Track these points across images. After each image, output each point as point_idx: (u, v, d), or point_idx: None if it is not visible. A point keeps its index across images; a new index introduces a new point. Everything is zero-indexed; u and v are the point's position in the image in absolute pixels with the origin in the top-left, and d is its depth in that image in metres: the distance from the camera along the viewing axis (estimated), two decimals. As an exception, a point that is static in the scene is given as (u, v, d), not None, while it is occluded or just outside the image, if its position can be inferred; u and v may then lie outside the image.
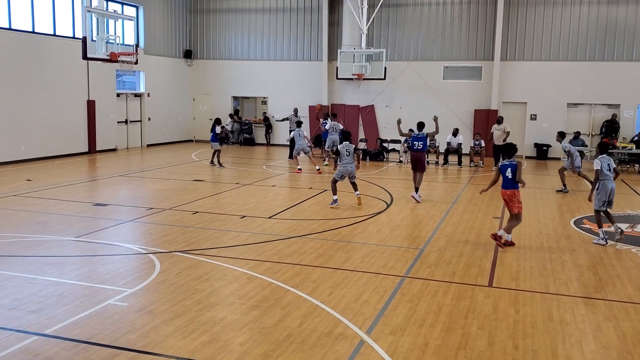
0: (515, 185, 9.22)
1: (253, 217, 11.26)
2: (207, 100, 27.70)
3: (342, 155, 12.37)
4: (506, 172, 9.26)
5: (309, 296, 6.83)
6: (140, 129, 24.81)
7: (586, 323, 6.27)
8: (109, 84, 22.58)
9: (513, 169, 9.19)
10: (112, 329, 5.79)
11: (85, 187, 14.83)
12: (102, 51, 16.65)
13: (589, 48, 22.42)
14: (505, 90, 23.44)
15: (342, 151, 12.38)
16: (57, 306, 6.39)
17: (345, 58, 23.55)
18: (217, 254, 8.58)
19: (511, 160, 9.36)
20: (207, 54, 27.58)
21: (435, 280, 7.59)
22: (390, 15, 24.58)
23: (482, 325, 6.09)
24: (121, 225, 10.53)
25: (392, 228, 10.57)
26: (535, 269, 8.22)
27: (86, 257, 8.58)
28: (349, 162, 12.34)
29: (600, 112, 22.76)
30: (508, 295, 7.07)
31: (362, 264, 8.26)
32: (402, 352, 5.41)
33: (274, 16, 26.23)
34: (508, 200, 9.34)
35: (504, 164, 9.37)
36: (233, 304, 6.58)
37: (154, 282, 7.25)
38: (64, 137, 20.47)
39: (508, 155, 9.56)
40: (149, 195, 13.63)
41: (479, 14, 23.57)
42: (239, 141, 26.95)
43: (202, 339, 5.62)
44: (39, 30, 19.45)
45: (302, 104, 25.02)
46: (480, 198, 13.86)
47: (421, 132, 13.50)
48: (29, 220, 10.61)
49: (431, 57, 24.21)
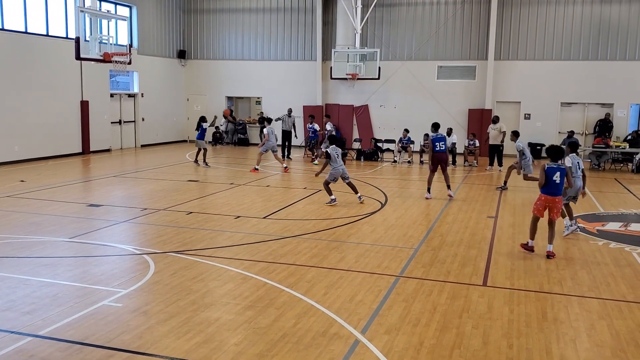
0: (562, 190, 8.78)
1: (247, 217, 11.25)
2: (201, 101, 27.65)
3: (332, 158, 12.52)
4: (554, 175, 8.61)
5: (303, 296, 6.83)
6: (134, 129, 24.74)
7: (580, 322, 6.30)
8: (103, 84, 22.50)
9: (563, 174, 8.64)
10: (107, 330, 5.77)
11: (79, 188, 14.77)
12: (96, 51, 16.59)
13: (582, 47, 22.52)
14: (499, 89, 23.51)
15: (332, 154, 12.53)
16: (51, 307, 6.37)
17: (339, 58, 23.56)
18: (212, 255, 8.57)
19: (559, 163, 8.76)
20: (201, 54, 27.53)
21: (430, 279, 7.60)
22: (384, 15, 24.61)
23: (476, 325, 6.11)
24: (115, 225, 10.50)
25: (387, 228, 10.58)
26: (530, 267, 8.25)
27: (80, 257, 8.55)
28: (340, 164, 12.55)
29: (593, 111, 22.86)
30: (502, 295, 7.09)
31: (356, 263, 8.26)
32: (397, 352, 5.42)
33: (268, 16, 26.21)
34: (554, 206, 8.72)
35: (552, 167, 8.65)
36: (228, 304, 6.57)
37: (148, 283, 7.24)
38: (57, 137, 20.39)
39: (556, 157, 8.81)
40: (143, 195, 13.60)
41: (473, 14, 23.63)
42: (233, 141, 26.91)
43: (197, 339, 5.61)
44: (32, 30, 19.36)
45: (296, 103, 25.01)
46: (475, 197, 13.90)
47: (438, 132, 13.74)
48: (22, 221, 10.56)
49: (425, 56, 24.26)
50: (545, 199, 8.70)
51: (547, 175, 8.63)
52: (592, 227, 10.72)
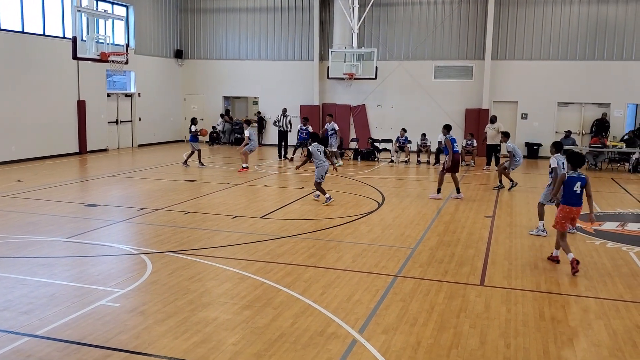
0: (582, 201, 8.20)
1: (245, 217, 11.24)
2: (198, 100, 27.63)
3: (314, 156, 12.52)
4: (574, 185, 8.07)
5: (301, 296, 6.83)
6: (131, 129, 24.72)
7: (577, 321, 6.31)
8: (100, 84, 22.47)
9: (583, 183, 8.08)
10: (104, 330, 5.76)
11: (76, 188, 14.75)
12: (93, 51, 16.61)
13: (579, 47, 22.56)
14: (496, 89, 23.55)
15: (314, 151, 12.55)
16: (49, 307, 6.36)
17: (336, 57, 23.56)
18: (209, 254, 8.56)
19: (579, 172, 8.21)
20: (197, 54, 27.50)
21: (427, 279, 7.61)
22: (381, 14, 24.62)
23: (474, 324, 6.11)
24: (112, 225, 10.48)
25: (384, 227, 10.58)
26: (527, 267, 8.26)
27: (77, 257, 8.54)
28: (323, 160, 12.59)
29: (590, 111, 22.91)
30: (500, 294, 7.10)
31: (354, 263, 8.26)
32: (394, 351, 5.42)
33: (265, 15, 26.20)
34: (575, 217, 8.31)
35: (572, 177, 8.12)
36: (225, 303, 6.57)
37: (145, 283, 7.23)
38: (54, 137, 20.36)
39: (576, 165, 8.25)
40: (141, 195, 13.58)
41: (470, 14, 23.66)
42: (230, 141, 26.88)
43: (195, 339, 5.61)
44: (29, 30, 19.32)
45: (293, 103, 25.02)
46: (472, 197, 13.92)
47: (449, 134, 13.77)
48: (19, 221, 10.54)
49: (422, 56, 24.28)
50: (570, 210, 8.13)
51: (567, 186, 8.09)
52: (589, 226, 10.74)
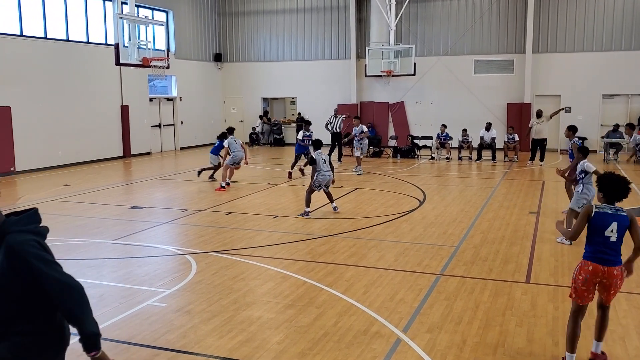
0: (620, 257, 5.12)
1: (285, 216, 11.31)
2: (238, 103, 27.95)
3: (318, 164, 11.33)
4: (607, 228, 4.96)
5: (343, 295, 6.83)
6: (173, 132, 25.17)
7: (629, 319, 6.12)
8: (142, 89, 22.96)
9: (624, 225, 5.00)
10: (152, 330, 5.88)
11: (121, 191, 15.10)
12: (135, 57, 16.93)
13: (624, 37, 21.87)
14: (538, 83, 23.04)
15: (318, 159, 11.35)
16: (97, 307, 6.51)
17: (373, 55, 23.48)
18: (252, 254, 8.64)
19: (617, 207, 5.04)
20: (236, 57, 27.81)
21: (472, 277, 7.50)
22: (418, 10, 24.40)
23: (520, 322, 6.00)
24: (157, 227, 10.69)
25: (426, 226, 10.48)
26: (574, 264, 8.04)
27: (124, 259, 8.74)
28: (326, 169, 11.43)
29: (637, 102, 22.18)
30: (546, 292, 6.95)
31: (396, 262, 8.21)
32: (439, 350, 5.37)
33: (302, 16, 26.30)
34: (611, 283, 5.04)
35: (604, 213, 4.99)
36: (269, 302, 6.62)
37: (190, 283, 7.35)
38: (99, 142, 20.89)
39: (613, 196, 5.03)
40: (184, 197, 13.81)
41: (509, 6, 23.22)
42: (269, 142, 27.10)
43: (240, 338, 5.67)
44: (73, 38, 19.89)
45: (331, 102, 25.01)
46: (516, 193, 13.66)
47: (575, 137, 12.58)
48: (67, 224, 10.85)
49: (461, 51, 23.96)
50: (595, 269, 4.94)
51: (594, 228, 4.96)
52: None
